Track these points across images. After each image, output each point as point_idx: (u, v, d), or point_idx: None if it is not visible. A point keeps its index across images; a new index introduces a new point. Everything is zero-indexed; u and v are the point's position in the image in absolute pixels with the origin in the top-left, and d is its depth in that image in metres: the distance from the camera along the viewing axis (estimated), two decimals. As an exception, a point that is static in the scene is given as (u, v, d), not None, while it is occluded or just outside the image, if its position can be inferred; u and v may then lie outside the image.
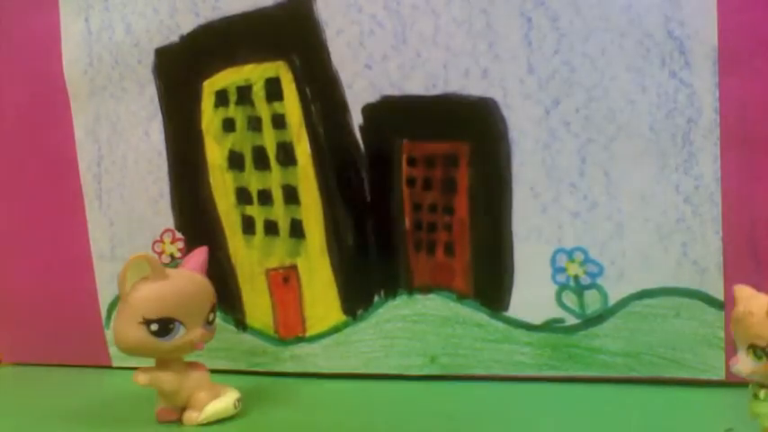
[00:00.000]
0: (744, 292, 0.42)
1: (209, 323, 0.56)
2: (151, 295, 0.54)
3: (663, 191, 0.57)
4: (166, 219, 0.70)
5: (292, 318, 0.68)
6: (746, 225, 0.56)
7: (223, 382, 0.58)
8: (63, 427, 0.58)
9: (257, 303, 0.69)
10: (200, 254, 0.59)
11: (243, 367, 0.70)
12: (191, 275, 0.57)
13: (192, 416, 0.55)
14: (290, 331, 0.68)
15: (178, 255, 0.70)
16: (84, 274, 0.73)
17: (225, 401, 0.56)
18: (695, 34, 0.55)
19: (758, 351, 0.40)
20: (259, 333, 0.69)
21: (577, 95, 0.58)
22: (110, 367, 0.73)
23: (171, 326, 0.54)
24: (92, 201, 0.72)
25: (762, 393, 0.42)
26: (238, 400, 0.57)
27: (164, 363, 0.56)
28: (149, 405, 0.57)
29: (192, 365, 0.57)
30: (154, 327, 0.53)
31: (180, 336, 0.54)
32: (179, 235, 0.70)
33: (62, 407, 0.62)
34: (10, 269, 0.76)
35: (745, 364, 0.41)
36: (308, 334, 0.68)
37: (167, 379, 0.55)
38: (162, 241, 0.70)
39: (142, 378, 0.55)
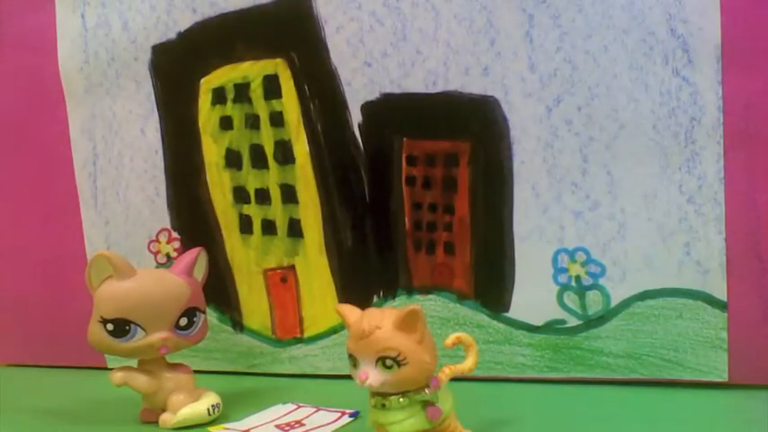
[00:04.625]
0: (354, 311, 0.45)
1: (181, 328, 0.55)
2: (108, 295, 0.53)
3: (665, 190, 0.57)
4: (162, 218, 0.69)
5: (290, 318, 0.67)
6: (750, 225, 0.56)
7: (207, 386, 0.57)
8: (46, 427, 0.57)
9: (255, 304, 0.68)
10: (189, 255, 0.57)
11: (240, 369, 0.69)
12: (161, 277, 0.55)
13: (166, 418, 0.54)
14: (287, 332, 0.68)
15: (174, 254, 0.69)
16: (79, 275, 0.72)
17: (199, 407, 0.55)
18: (698, 32, 0.55)
19: (388, 361, 0.42)
20: (256, 334, 0.69)
21: (579, 93, 0.58)
22: (105, 368, 0.72)
23: (127, 327, 0.53)
24: (87, 200, 0.71)
25: (387, 402, 0.44)
26: (214, 406, 0.55)
27: (145, 363, 0.55)
28: (138, 406, 0.57)
29: (175, 367, 0.56)
30: (109, 326, 0.53)
31: (138, 338, 0.53)
32: (175, 234, 0.69)
33: (51, 408, 0.62)
34: (3, 269, 0.75)
35: (375, 377, 0.43)
36: (306, 335, 0.67)
37: (142, 380, 0.55)
38: (158, 241, 0.70)
39: (117, 377, 0.54)
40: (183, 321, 0.55)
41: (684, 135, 0.56)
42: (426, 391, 0.45)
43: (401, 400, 0.44)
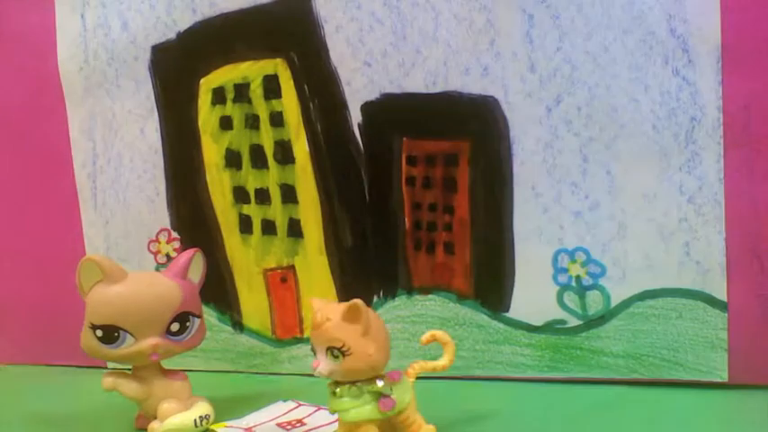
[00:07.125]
0: (318, 303, 0.47)
1: (172, 333, 0.53)
2: (97, 301, 0.51)
3: (665, 190, 0.57)
4: (162, 218, 0.69)
5: (290, 318, 0.68)
6: (750, 225, 0.56)
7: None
8: (46, 427, 0.57)
9: (254, 304, 0.68)
10: (183, 257, 0.55)
11: (240, 369, 0.69)
12: (151, 281, 0.53)
13: (154, 426, 0.53)
14: (287, 332, 0.68)
15: (174, 254, 0.69)
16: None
17: (186, 417, 0.53)
18: (698, 32, 0.55)
19: (335, 351, 0.44)
20: (256, 334, 0.69)
21: (579, 94, 0.58)
22: (105, 369, 0.72)
23: (116, 334, 0.51)
24: (86, 200, 0.71)
25: (338, 390, 0.46)
26: (202, 417, 0.53)
27: (139, 369, 0.54)
28: (134, 409, 0.56)
29: (170, 374, 0.55)
30: (99, 333, 0.51)
31: (127, 345, 0.51)
32: (175, 234, 0.69)
33: (51, 408, 0.62)
34: (3, 269, 0.75)
35: (325, 365, 0.45)
36: (306, 335, 0.67)
37: (131, 386, 0.53)
38: (158, 241, 0.70)
39: (107, 382, 0.53)
40: (175, 327, 0.53)
41: (684, 135, 0.56)
42: (378, 382, 0.46)
43: (351, 389, 0.46)
